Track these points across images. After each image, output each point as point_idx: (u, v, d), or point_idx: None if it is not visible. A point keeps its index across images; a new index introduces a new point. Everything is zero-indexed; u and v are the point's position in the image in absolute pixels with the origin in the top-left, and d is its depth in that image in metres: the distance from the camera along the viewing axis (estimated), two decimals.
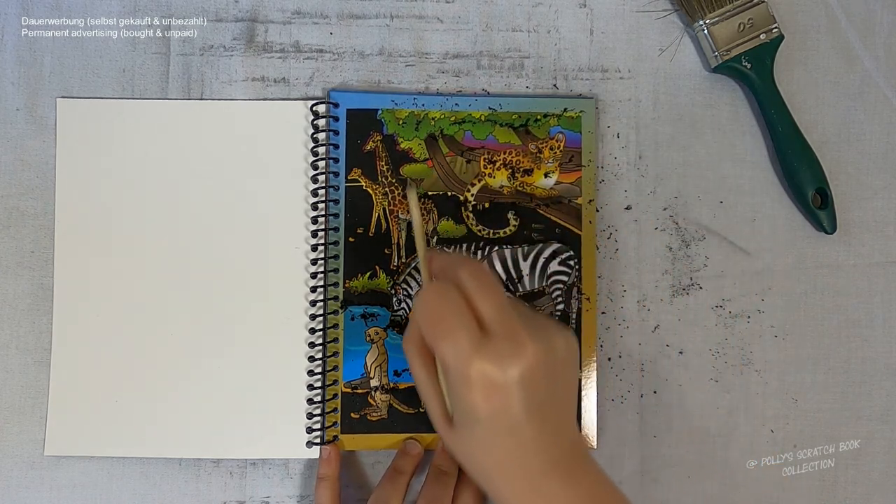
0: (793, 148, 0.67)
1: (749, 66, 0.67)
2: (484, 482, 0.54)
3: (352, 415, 0.65)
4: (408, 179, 0.66)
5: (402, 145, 0.67)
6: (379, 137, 0.67)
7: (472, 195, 0.67)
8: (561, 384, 0.54)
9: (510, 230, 0.67)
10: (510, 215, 0.67)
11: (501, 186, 0.67)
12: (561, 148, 0.67)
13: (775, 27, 0.67)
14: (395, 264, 0.66)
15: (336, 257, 0.66)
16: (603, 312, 0.67)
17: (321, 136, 0.66)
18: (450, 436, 0.55)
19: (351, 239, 0.66)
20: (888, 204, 0.69)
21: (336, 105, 0.66)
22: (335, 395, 0.65)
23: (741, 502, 0.67)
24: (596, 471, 0.55)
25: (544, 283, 0.66)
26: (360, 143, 0.66)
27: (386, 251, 0.66)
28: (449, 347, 0.50)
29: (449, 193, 0.67)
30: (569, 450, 0.54)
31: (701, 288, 0.68)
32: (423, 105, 0.67)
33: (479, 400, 0.50)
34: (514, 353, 0.50)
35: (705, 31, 0.67)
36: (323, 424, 0.65)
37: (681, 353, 0.68)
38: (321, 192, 0.66)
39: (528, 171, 0.67)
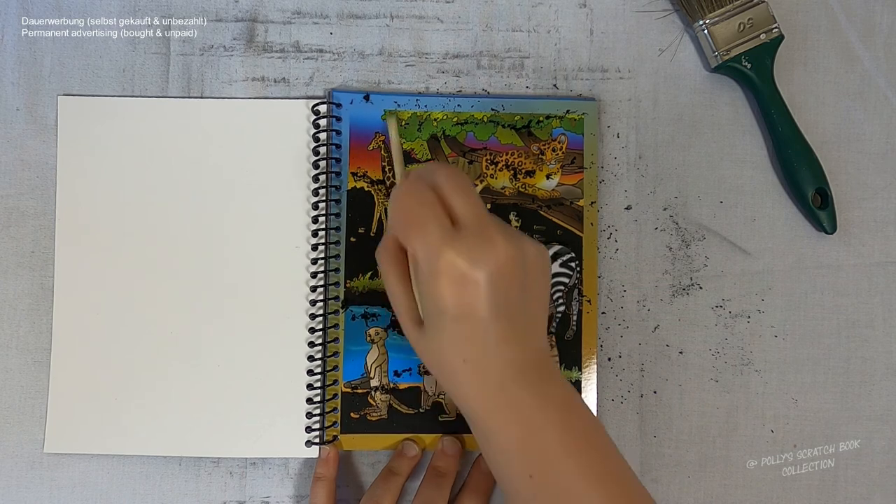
0: (793, 148, 0.67)
1: (749, 66, 0.67)
2: (449, 385, 0.53)
3: (352, 415, 0.65)
4: (389, 114, 0.66)
5: (405, 146, 0.67)
6: (382, 138, 0.66)
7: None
8: (531, 290, 0.53)
9: None
10: (512, 216, 0.67)
11: (503, 188, 0.67)
12: (563, 150, 0.67)
13: (775, 27, 0.67)
14: None
15: (337, 257, 0.66)
16: (603, 312, 0.68)
17: (323, 135, 0.66)
18: (418, 337, 0.54)
19: (352, 239, 0.66)
20: (888, 204, 0.69)
21: (338, 105, 0.66)
22: (335, 395, 0.65)
23: (741, 502, 0.67)
24: (567, 391, 0.53)
25: None
26: (363, 143, 0.66)
27: None
28: (419, 240, 0.50)
29: None
30: (536, 358, 0.53)
31: (701, 288, 0.68)
32: (426, 106, 0.67)
33: (447, 293, 0.50)
34: (485, 248, 0.50)
35: (705, 31, 0.67)
36: (322, 424, 0.65)
37: (681, 353, 0.68)
38: (322, 191, 0.66)
39: (530, 173, 0.67)
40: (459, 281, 0.49)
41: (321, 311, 0.66)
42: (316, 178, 0.66)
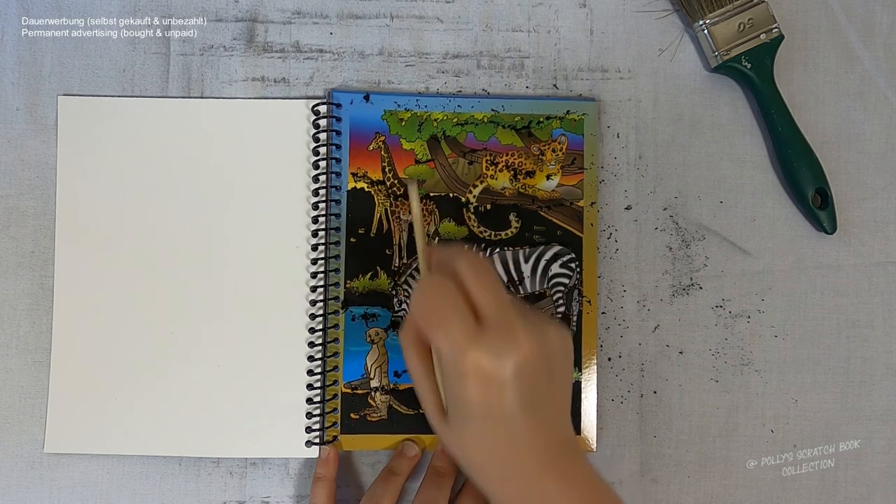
0: (793, 148, 0.67)
1: (749, 66, 0.67)
2: (477, 478, 0.54)
3: (351, 415, 0.65)
4: (409, 177, 0.66)
5: (405, 146, 0.67)
6: (382, 138, 0.66)
7: (474, 197, 0.67)
8: (555, 380, 0.53)
9: (512, 232, 0.67)
10: (512, 217, 0.67)
11: (503, 188, 0.67)
12: (563, 150, 0.67)
13: (775, 27, 0.67)
14: (397, 265, 0.66)
15: (337, 257, 0.66)
16: (603, 313, 0.68)
17: (323, 136, 0.66)
18: (444, 430, 0.54)
19: (352, 239, 0.66)
20: (888, 204, 0.69)
21: (338, 105, 0.66)
22: (335, 396, 0.65)
23: (741, 502, 0.67)
24: (590, 471, 0.54)
25: (545, 286, 0.67)
26: (363, 143, 0.66)
27: (387, 252, 0.66)
28: (444, 337, 0.50)
29: (451, 195, 0.67)
30: (563, 448, 0.53)
31: (701, 288, 0.68)
32: (426, 106, 0.67)
33: (472, 392, 0.50)
34: (510, 345, 0.50)
35: (705, 31, 0.67)
36: (322, 424, 0.65)
37: (681, 353, 0.68)
38: (322, 192, 0.66)
39: (531, 174, 0.67)
40: (485, 380, 0.50)
41: (321, 312, 0.66)
42: (316, 179, 0.66)
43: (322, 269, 0.66)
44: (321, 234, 0.66)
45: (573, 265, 0.66)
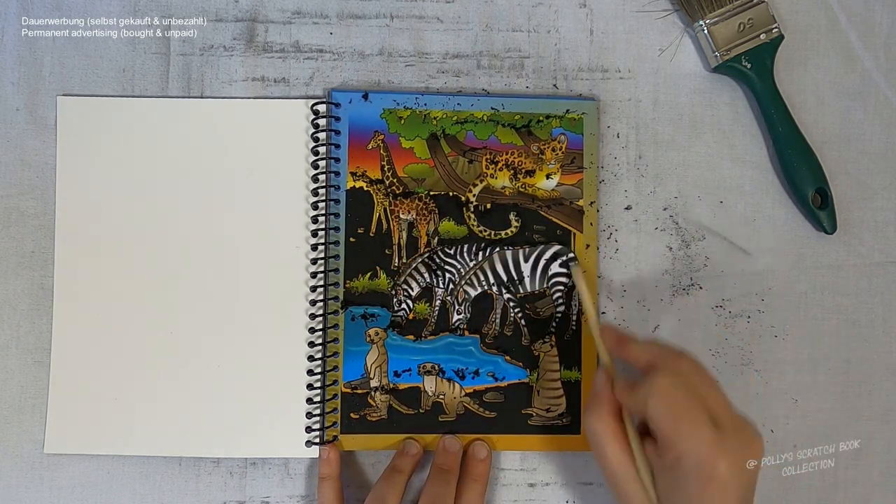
0: (793, 148, 0.67)
1: (749, 66, 0.67)
2: None
3: (351, 415, 0.65)
4: (575, 263, 0.67)
5: (404, 145, 0.67)
6: (381, 137, 0.66)
7: (474, 196, 0.67)
8: (756, 480, 0.55)
9: (511, 231, 0.67)
10: (512, 216, 0.67)
11: (503, 187, 0.67)
12: (563, 149, 0.67)
13: (775, 27, 0.67)
14: (396, 265, 0.66)
15: (336, 257, 0.66)
16: (603, 312, 0.68)
17: (322, 135, 0.66)
18: None
19: (352, 239, 0.66)
20: (888, 204, 0.69)
21: (337, 105, 0.66)
22: (335, 396, 0.65)
23: None
24: None
25: (545, 285, 0.67)
26: (362, 142, 0.66)
27: (387, 251, 0.66)
28: (691, 445, 0.52)
29: (451, 194, 0.67)
30: None
31: (701, 288, 0.68)
32: (426, 105, 0.67)
33: (710, 498, 0.51)
34: (751, 451, 0.53)
35: (705, 31, 0.67)
36: (322, 424, 0.65)
37: None
38: (322, 191, 0.66)
39: (530, 173, 0.67)
40: (725, 487, 0.51)
41: (321, 312, 0.66)
42: (315, 178, 0.66)
43: (322, 268, 0.66)
44: (321, 233, 0.66)
45: (573, 264, 0.66)
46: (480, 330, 0.66)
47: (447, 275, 0.66)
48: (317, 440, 0.65)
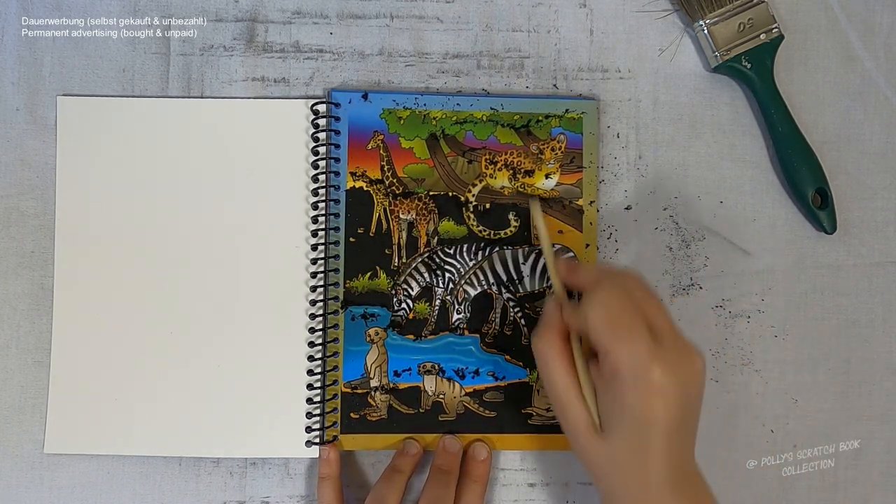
0: (793, 148, 0.67)
1: (749, 66, 0.67)
2: (617, 489, 0.55)
3: (351, 415, 0.65)
4: (531, 195, 0.67)
5: (404, 145, 0.67)
6: (381, 137, 0.66)
7: (474, 196, 0.67)
8: (700, 403, 0.56)
9: (511, 231, 0.67)
10: (511, 216, 0.67)
11: (503, 187, 0.67)
12: (562, 149, 0.67)
13: (775, 27, 0.67)
14: (396, 264, 0.66)
15: (336, 257, 0.66)
16: None
17: (322, 135, 0.66)
18: (594, 444, 0.55)
19: (351, 239, 0.66)
20: (888, 204, 0.69)
21: (337, 105, 0.66)
22: (335, 395, 0.65)
23: (741, 502, 0.67)
24: (708, 492, 0.56)
25: (545, 285, 0.67)
26: (362, 142, 0.66)
27: (386, 251, 0.66)
28: (627, 350, 0.52)
29: (450, 194, 0.67)
30: (692, 466, 0.56)
31: (701, 288, 0.68)
32: (425, 105, 0.67)
33: (646, 405, 0.52)
34: (686, 364, 0.53)
35: (705, 31, 0.67)
36: (322, 424, 0.65)
37: None
38: (322, 191, 0.66)
39: (530, 173, 0.67)
40: (660, 394, 0.52)
41: (321, 312, 0.66)
42: (315, 178, 0.66)
43: (322, 268, 0.66)
44: (321, 233, 0.66)
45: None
46: (480, 329, 0.66)
47: (447, 274, 0.66)
48: (317, 440, 0.65)
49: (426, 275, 0.66)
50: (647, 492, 0.53)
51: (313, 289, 0.66)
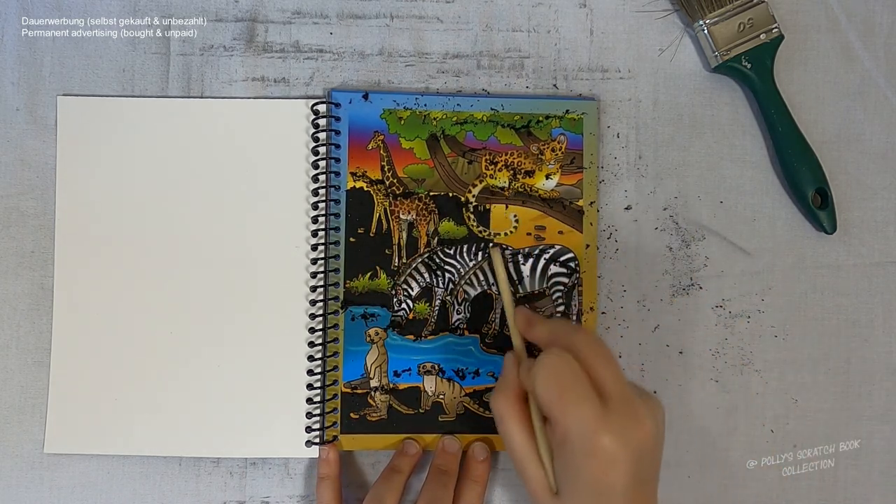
0: (793, 148, 0.67)
1: (749, 66, 0.67)
2: None
3: (351, 415, 0.65)
4: (494, 244, 0.67)
5: (404, 145, 0.67)
6: (381, 137, 0.66)
7: (474, 196, 0.67)
8: (658, 458, 0.55)
9: (511, 231, 0.67)
10: (511, 217, 0.67)
11: (503, 188, 0.67)
12: (562, 150, 0.67)
13: (775, 27, 0.67)
14: (396, 265, 0.66)
15: (337, 257, 0.66)
16: (603, 312, 0.68)
17: (322, 135, 0.66)
18: None
19: (352, 239, 0.66)
20: (888, 204, 0.69)
21: (337, 105, 0.66)
22: (335, 396, 0.65)
23: (741, 502, 0.67)
24: None
25: (545, 285, 0.67)
26: (362, 142, 0.66)
27: (386, 251, 0.66)
28: (574, 417, 0.51)
29: (450, 194, 0.67)
30: None
31: (701, 288, 0.68)
32: (425, 105, 0.67)
33: (597, 471, 0.51)
34: (636, 427, 0.52)
35: (705, 31, 0.67)
36: (322, 424, 0.65)
37: (681, 353, 0.68)
38: (322, 191, 0.66)
39: (530, 173, 0.67)
40: (611, 461, 0.51)
41: (321, 312, 0.66)
42: (315, 178, 0.66)
43: (322, 268, 0.66)
44: (321, 233, 0.66)
45: (572, 265, 0.66)
46: (480, 330, 0.66)
47: (447, 275, 0.66)
48: (317, 440, 0.65)
49: (426, 275, 0.66)
50: None
51: (313, 289, 0.66)
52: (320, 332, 0.66)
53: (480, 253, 0.66)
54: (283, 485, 0.66)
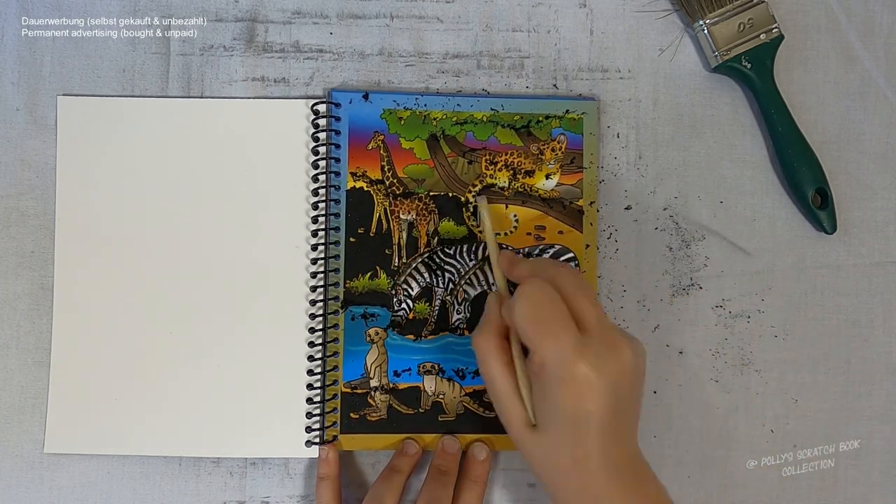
0: (793, 148, 0.67)
1: (749, 66, 0.67)
2: (555, 485, 0.55)
3: (351, 415, 0.65)
4: (479, 195, 0.67)
5: (404, 145, 0.67)
6: (381, 137, 0.66)
7: (474, 196, 0.67)
8: (636, 394, 0.55)
9: (511, 231, 0.67)
10: (511, 217, 0.67)
11: (502, 188, 0.67)
12: (562, 150, 0.67)
13: (775, 27, 0.67)
14: (396, 264, 0.66)
15: (337, 257, 0.66)
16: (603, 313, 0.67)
17: (322, 135, 0.66)
18: (529, 440, 0.55)
19: (352, 239, 0.66)
20: (888, 204, 0.69)
21: (337, 105, 0.66)
22: (335, 396, 0.65)
23: (741, 502, 0.67)
24: (655, 482, 0.55)
25: None
26: (362, 142, 0.66)
27: (387, 251, 0.66)
28: (552, 347, 0.51)
29: (450, 194, 0.67)
30: (633, 457, 0.55)
31: (701, 288, 0.68)
32: (425, 105, 0.67)
33: (573, 400, 0.51)
34: (612, 357, 0.52)
35: (705, 31, 0.67)
36: (322, 424, 0.65)
37: (681, 353, 0.68)
38: (322, 191, 0.66)
39: (530, 173, 0.67)
40: (587, 388, 0.51)
41: (321, 312, 0.66)
42: (315, 178, 0.66)
43: (322, 268, 0.66)
44: (321, 233, 0.66)
45: (572, 264, 0.66)
46: None
47: (447, 275, 0.66)
48: (317, 440, 0.65)
49: (426, 275, 0.66)
50: (586, 485, 0.53)
51: (313, 289, 0.66)
52: (320, 332, 0.66)
53: (480, 253, 0.66)
54: (283, 485, 0.66)
